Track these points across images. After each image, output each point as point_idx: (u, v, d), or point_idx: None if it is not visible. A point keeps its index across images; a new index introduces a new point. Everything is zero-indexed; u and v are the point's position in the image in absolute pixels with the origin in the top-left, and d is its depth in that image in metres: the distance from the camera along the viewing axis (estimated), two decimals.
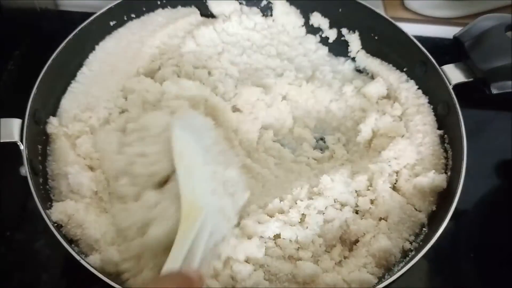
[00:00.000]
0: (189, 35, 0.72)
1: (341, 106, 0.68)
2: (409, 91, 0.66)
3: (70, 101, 0.64)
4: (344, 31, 0.73)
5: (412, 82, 0.67)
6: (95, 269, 0.48)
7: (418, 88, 0.66)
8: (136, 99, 0.64)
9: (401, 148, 0.59)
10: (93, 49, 0.69)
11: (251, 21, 0.75)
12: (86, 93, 0.65)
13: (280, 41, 0.74)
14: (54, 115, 0.63)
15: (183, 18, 0.73)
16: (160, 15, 0.73)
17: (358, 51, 0.73)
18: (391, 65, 0.70)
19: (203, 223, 0.44)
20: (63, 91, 0.65)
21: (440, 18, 0.83)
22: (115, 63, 0.68)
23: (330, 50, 0.75)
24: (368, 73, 0.72)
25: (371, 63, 0.72)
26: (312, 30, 0.75)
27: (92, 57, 0.68)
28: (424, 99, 0.65)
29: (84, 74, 0.67)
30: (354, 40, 0.73)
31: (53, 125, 0.61)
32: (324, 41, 0.75)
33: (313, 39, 0.75)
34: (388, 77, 0.69)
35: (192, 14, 0.74)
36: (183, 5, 0.75)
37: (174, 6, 0.74)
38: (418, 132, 0.62)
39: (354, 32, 0.73)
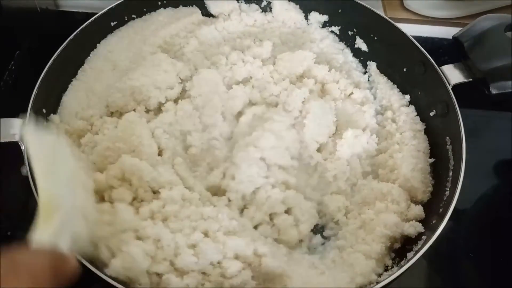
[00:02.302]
0: (190, 34, 0.72)
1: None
2: (408, 116, 0.66)
3: (71, 99, 0.65)
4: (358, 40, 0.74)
5: (412, 108, 0.67)
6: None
7: (417, 115, 0.66)
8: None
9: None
10: (94, 48, 0.69)
11: (251, 18, 0.75)
12: (87, 91, 0.65)
13: (282, 32, 0.74)
14: (55, 113, 0.63)
15: (185, 17, 0.73)
16: (161, 15, 0.73)
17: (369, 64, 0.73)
18: (395, 85, 0.70)
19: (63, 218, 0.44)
20: (64, 91, 0.65)
21: (440, 18, 0.83)
22: (117, 62, 0.68)
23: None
24: (371, 85, 0.72)
25: (378, 78, 0.71)
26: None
27: (93, 54, 0.68)
28: (421, 126, 0.65)
29: (85, 71, 0.67)
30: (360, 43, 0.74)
31: (54, 122, 0.62)
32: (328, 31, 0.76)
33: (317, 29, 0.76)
34: (390, 97, 0.69)
35: (193, 14, 0.74)
36: (185, 5, 0.75)
37: (175, 6, 0.74)
38: (412, 158, 0.62)
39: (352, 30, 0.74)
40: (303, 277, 0.53)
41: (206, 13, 0.76)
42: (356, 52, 0.74)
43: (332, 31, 0.75)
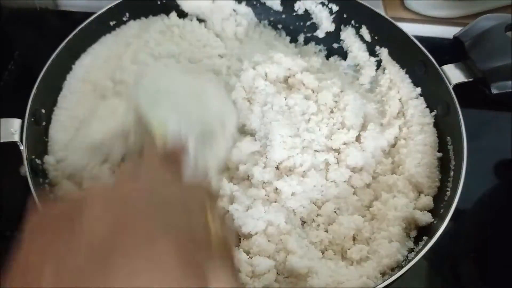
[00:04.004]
0: (181, 38, 0.71)
1: None
2: (416, 109, 0.65)
3: (57, 132, 0.62)
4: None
5: (421, 99, 0.65)
6: None
7: (426, 107, 0.65)
8: None
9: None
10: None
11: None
12: (71, 118, 0.63)
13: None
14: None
15: (155, 24, 0.71)
16: (132, 27, 0.71)
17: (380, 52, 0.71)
18: (407, 75, 0.68)
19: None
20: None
21: (440, 18, 0.83)
22: (95, 81, 0.66)
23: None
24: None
25: (390, 66, 0.69)
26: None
27: (70, 78, 0.66)
28: (430, 119, 0.64)
29: (66, 97, 0.64)
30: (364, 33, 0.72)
31: (50, 165, 0.59)
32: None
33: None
34: (399, 89, 0.67)
35: (160, 20, 0.72)
36: (154, 14, 0.72)
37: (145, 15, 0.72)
38: (417, 153, 0.61)
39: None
40: (332, 270, 0.53)
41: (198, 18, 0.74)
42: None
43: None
